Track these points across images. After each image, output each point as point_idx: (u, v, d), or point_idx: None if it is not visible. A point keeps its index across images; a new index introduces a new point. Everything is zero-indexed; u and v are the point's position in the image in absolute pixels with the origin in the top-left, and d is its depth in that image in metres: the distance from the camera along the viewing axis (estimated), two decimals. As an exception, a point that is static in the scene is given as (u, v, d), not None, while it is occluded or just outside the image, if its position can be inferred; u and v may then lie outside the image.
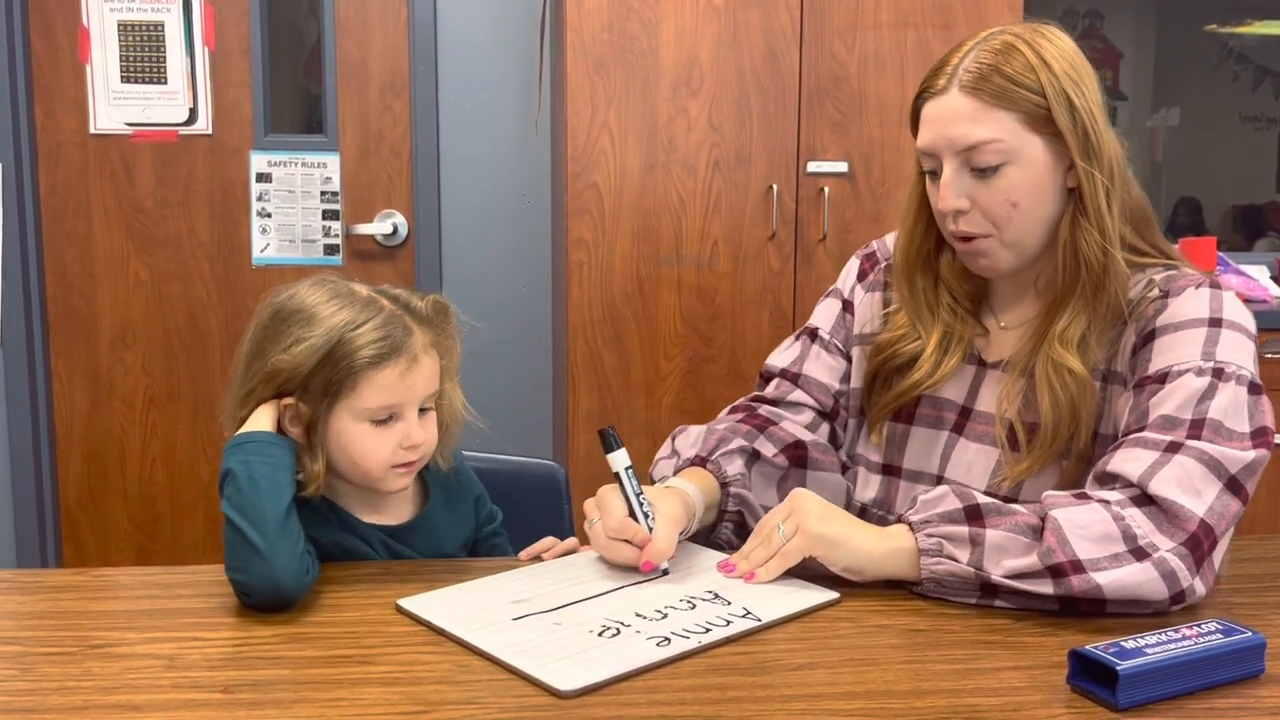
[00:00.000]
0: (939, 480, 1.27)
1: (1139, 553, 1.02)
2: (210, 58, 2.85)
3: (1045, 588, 1.02)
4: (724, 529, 1.28)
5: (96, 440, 2.95)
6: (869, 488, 1.34)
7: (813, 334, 1.41)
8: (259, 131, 2.88)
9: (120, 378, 2.93)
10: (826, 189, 2.51)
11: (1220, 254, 2.96)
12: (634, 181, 2.48)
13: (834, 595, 1.08)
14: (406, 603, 1.08)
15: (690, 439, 1.33)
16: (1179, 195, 3.86)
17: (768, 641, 1.00)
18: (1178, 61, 3.91)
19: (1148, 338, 1.16)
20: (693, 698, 0.89)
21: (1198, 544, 1.02)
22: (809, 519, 1.11)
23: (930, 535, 1.08)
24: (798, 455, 1.33)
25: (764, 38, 2.47)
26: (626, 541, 1.14)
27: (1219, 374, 1.10)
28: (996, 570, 1.04)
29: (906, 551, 1.09)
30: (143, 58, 2.84)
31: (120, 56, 2.83)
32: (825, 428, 1.37)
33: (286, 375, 1.17)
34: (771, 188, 2.51)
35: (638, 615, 1.04)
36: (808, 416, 1.37)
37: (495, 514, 1.39)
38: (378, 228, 2.92)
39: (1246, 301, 2.75)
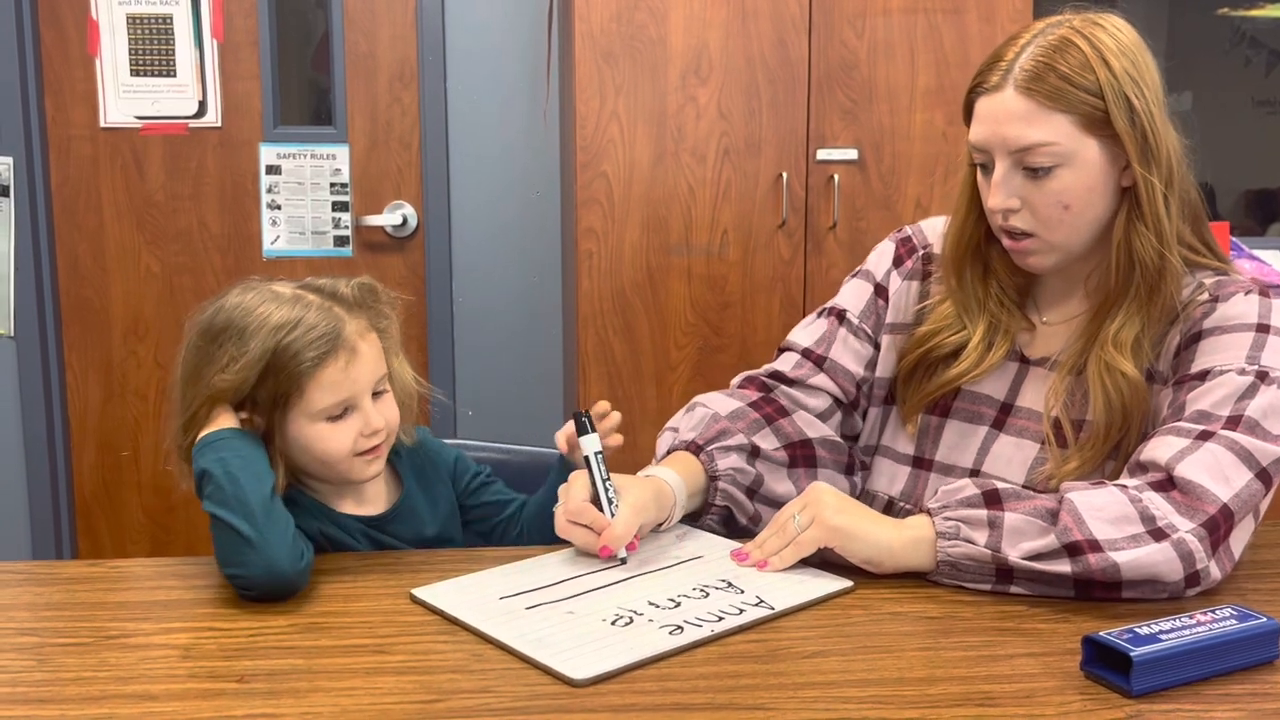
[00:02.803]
0: (974, 474, 1.25)
1: (1158, 533, 1.01)
2: (219, 50, 2.85)
3: (1063, 567, 1.02)
4: (708, 520, 1.26)
5: (110, 432, 2.96)
6: (896, 480, 1.32)
7: (840, 315, 1.37)
8: (268, 124, 2.89)
9: (133, 370, 2.95)
10: (836, 176, 2.50)
11: (1234, 239, 2.94)
12: (643, 171, 2.48)
13: (847, 583, 1.08)
14: (421, 592, 1.08)
15: (694, 420, 1.32)
16: (1191, 180, 3.84)
17: (780, 629, 1.00)
18: (1190, 46, 3.89)
19: (1193, 338, 1.15)
20: (706, 685, 0.89)
21: (1215, 526, 1.02)
22: (825, 510, 1.10)
23: (948, 519, 1.07)
24: (803, 454, 1.31)
25: (773, 25, 2.46)
26: (586, 527, 1.14)
27: (1262, 377, 1.10)
28: (1014, 552, 1.03)
29: (926, 541, 1.08)
30: (152, 50, 2.84)
31: (129, 49, 2.84)
32: (838, 418, 1.35)
33: (230, 396, 1.16)
34: (781, 176, 2.50)
35: (651, 604, 1.04)
36: (824, 404, 1.34)
37: (476, 469, 1.38)
38: (387, 219, 2.92)
39: (1260, 287, 2.74)
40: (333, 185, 2.92)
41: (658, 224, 2.50)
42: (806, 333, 1.38)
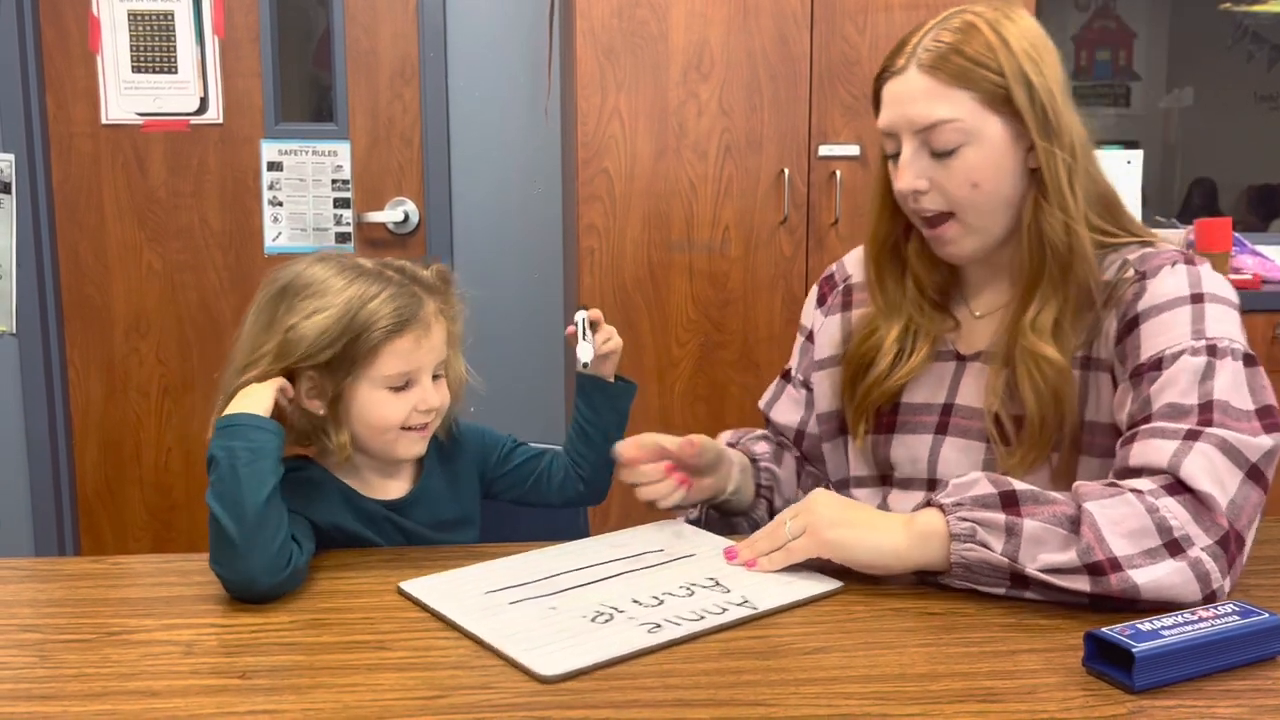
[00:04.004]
0: (931, 484, 1.24)
1: (1173, 546, 0.98)
2: (220, 46, 2.85)
3: (1082, 585, 0.99)
4: (759, 506, 1.32)
5: (112, 430, 2.97)
6: (869, 505, 1.30)
7: (786, 374, 1.45)
8: (269, 120, 2.89)
9: (135, 367, 2.95)
10: (838, 173, 2.50)
11: (1236, 235, 2.94)
12: (645, 167, 2.48)
13: (836, 585, 1.07)
14: (408, 585, 1.08)
15: (719, 439, 1.38)
16: (1194, 176, 3.83)
17: (782, 625, 1.00)
18: (1192, 41, 3.88)
19: (1131, 324, 1.14)
20: (707, 681, 0.89)
21: (1228, 542, 1.00)
22: (819, 523, 1.08)
23: (963, 519, 1.03)
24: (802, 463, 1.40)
25: (774, 21, 2.46)
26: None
27: (1213, 350, 1.09)
28: (1032, 564, 1.00)
29: (936, 536, 1.04)
30: (153, 47, 2.84)
31: (130, 46, 2.84)
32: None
33: (306, 346, 1.17)
34: (783, 172, 2.50)
35: (634, 601, 1.04)
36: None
37: (503, 440, 1.40)
38: (389, 215, 2.92)
39: (1263, 282, 2.74)
40: (334, 182, 2.92)
41: (659, 220, 2.50)
42: (764, 398, 1.48)
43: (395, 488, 1.29)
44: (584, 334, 1.29)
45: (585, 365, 1.30)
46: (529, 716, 0.83)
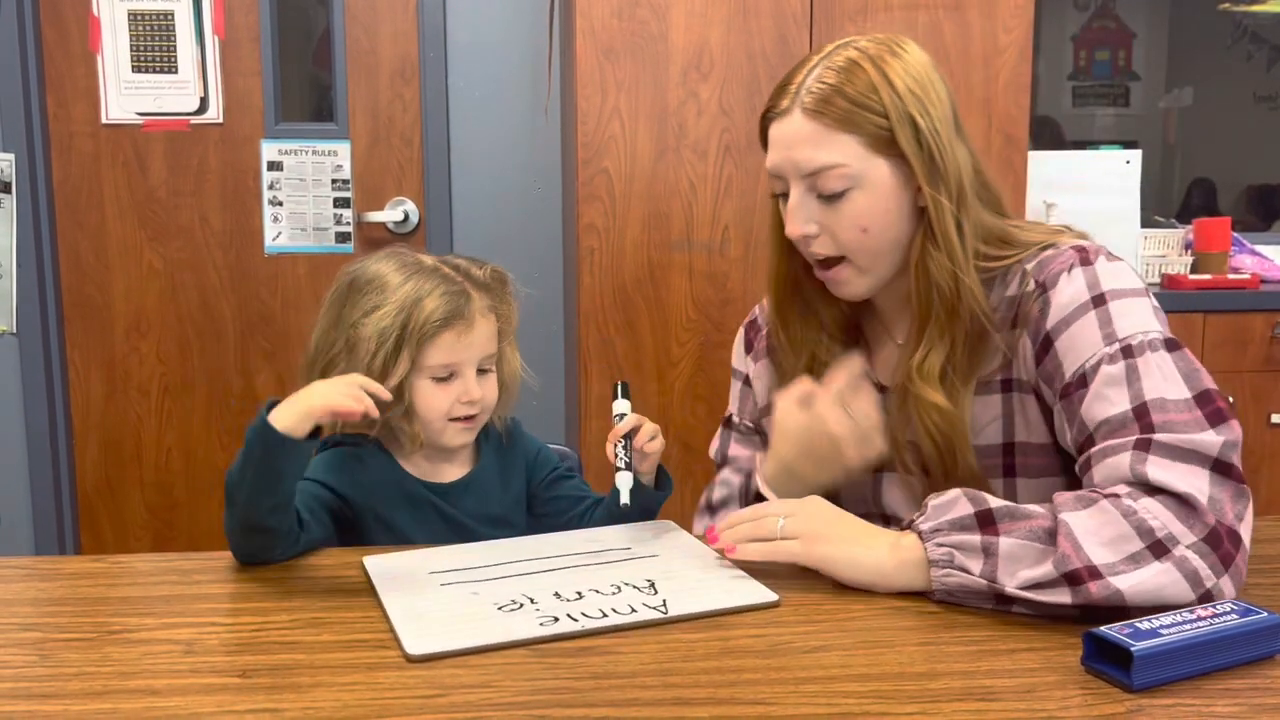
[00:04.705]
0: (884, 519, 1.24)
1: (1158, 548, 0.96)
2: (220, 46, 2.85)
3: (1063, 597, 0.97)
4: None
5: (113, 429, 2.97)
6: None
7: (728, 421, 1.41)
8: (270, 120, 2.89)
9: (135, 366, 2.95)
10: (838, 172, 2.50)
11: (1235, 235, 2.94)
12: (645, 167, 2.48)
13: (773, 597, 1.04)
14: (369, 560, 1.13)
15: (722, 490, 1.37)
16: (1193, 176, 3.84)
17: (781, 624, 1.00)
18: (1191, 41, 3.88)
19: (1045, 343, 1.13)
20: (707, 680, 0.89)
21: (1217, 538, 0.97)
22: (814, 534, 1.07)
23: (940, 545, 1.02)
24: None
25: (774, 21, 2.46)
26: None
27: (1129, 351, 1.07)
28: (1011, 582, 0.98)
29: (918, 564, 1.03)
30: (153, 47, 2.84)
31: (131, 46, 2.84)
32: None
33: (370, 347, 1.24)
34: (782, 172, 2.50)
35: (555, 594, 1.04)
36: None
37: (556, 464, 1.43)
38: (389, 215, 2.92)
39: (1263, 282, 2.74)
40: (334, 181, 2.92)
41: (659, 220, 2.50)
42: (714, 447, 1.43)
43: (450, 473, 1.34)
44: (621, 457, 1.25)
45: (625, 505, 1.23)
46: (529, 716, 0.83)
